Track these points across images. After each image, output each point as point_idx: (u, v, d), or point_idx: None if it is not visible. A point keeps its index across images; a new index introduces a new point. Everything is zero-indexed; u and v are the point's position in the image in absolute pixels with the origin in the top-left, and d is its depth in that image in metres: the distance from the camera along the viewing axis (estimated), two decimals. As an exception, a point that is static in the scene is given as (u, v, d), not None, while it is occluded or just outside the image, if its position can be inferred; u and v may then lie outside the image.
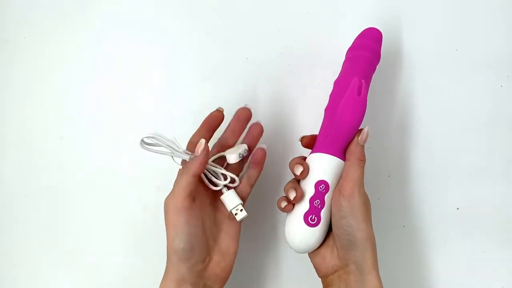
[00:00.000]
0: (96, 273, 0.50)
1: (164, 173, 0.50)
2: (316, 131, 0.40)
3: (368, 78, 0.40)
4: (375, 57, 0.40)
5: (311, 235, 0.36)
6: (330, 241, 0.37)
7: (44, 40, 0.56)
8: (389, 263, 0.44)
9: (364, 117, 0.36)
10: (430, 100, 0.47)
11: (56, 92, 0.54)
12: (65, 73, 0.55)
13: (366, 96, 0.36)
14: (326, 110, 0.40)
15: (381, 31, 0.41)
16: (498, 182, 0.45)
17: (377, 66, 0.41)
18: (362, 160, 0.36)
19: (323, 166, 0.37)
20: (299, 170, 0.37)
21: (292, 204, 0.37)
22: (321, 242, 0.37)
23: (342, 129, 0.36)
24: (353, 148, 0.36)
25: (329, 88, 0.40)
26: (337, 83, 0.40)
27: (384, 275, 0.35)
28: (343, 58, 0.42)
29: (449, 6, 0.48)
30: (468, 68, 0.46)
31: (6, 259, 0.52)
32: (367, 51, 0.39)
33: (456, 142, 0.46)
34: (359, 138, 0.36)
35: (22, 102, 0.55)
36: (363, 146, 0.37)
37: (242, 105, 0.42)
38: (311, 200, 0.36)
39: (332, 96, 0.40)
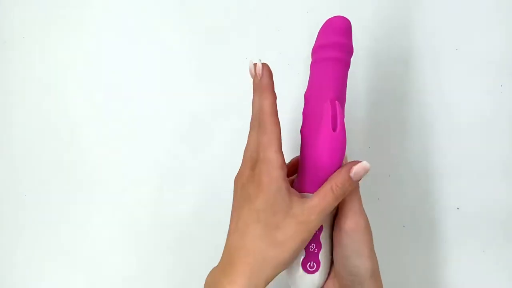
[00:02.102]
0: (96, 273, 0.50)
1: (164, 173, 0.50)
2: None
3: (343, 85, 0.34)
4: (347, 53, 0.33)
5: (314, 281, 0.33)
6: (332, 273, 0.33)
7: (43, 40, 0.56)
8: (389, 263, 0.45)
9: (366, 116, 0.35)
10: (430, 100, 0.46)
11: (55, 92, 0.54)
12: (63, 73, 0.55)
13: (343, 128, 0.30)
14: (301, 132, 0.34)
15: (348, 18, 0.34)
16: (498, 182, 0.44)
17: (351, 59, 0.35)
18: (357, 186, 0.31)
19: None
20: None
21: None
22: (325, 280, 0.34)
23: (322, 171, 0.31)
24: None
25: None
26: (308, 98, 0.34)
27: (384, 275, 0.35)
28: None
29: (449, 6, 0.48)
30: (468, 68, 0.46)
31: (6, 259, 0.52)
32: (336, 51, 0.32)
33: (456, 141, 0.46)
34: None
35: (21, 102, 0.55)
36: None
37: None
38: (307, 246, 0.32)
39: (305, 115, 0.34)
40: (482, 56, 0.46)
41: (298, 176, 0.34)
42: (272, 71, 0.35)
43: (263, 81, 0.32)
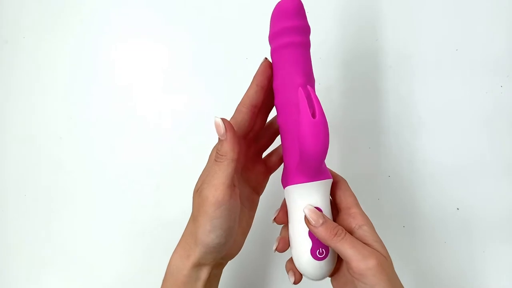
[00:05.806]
0: (95, 273, 0.50)
1: (163, 173, 0.50)
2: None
3: (309, 67, 0.33)
4: (305, 34, 0.32)
5: (324, 266, 0.33)
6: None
7: (43, 40, 0.56)
8: (389, 263, 0.45)
9: (366, 117, 0.35)
10: (430, 100, 0.47)
11: (55, 92, 0.54)
12: (64, 73, 0.55)
13: (322, 113, 0.29)
14: (279, 123, 0.34)
15: None
16: (498, 182, 0.45)
17: (310, 37, 0.33)
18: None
19: (307, 195, 0.32)
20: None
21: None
22: (334, 265, 0.34)
23: (311, 158, 0.30)
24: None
25: (330, 87, 0.40)
26: (277, 88, 0.33)
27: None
28: (343, 58, 0.41)
29: (449, 6, 0.48)
30: (468, 68, 0.46)
31: (5, 259, 0.52)
32: (294, 35, 0.31)
33: (456, 142, 0.46)
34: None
35: (21, 102, 0.55)
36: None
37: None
38: (311, 234, 0.32)
39: (279, 105, 0.33)
40: (482, 57, 0.46)
41: (284, 168, 0.34)
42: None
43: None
